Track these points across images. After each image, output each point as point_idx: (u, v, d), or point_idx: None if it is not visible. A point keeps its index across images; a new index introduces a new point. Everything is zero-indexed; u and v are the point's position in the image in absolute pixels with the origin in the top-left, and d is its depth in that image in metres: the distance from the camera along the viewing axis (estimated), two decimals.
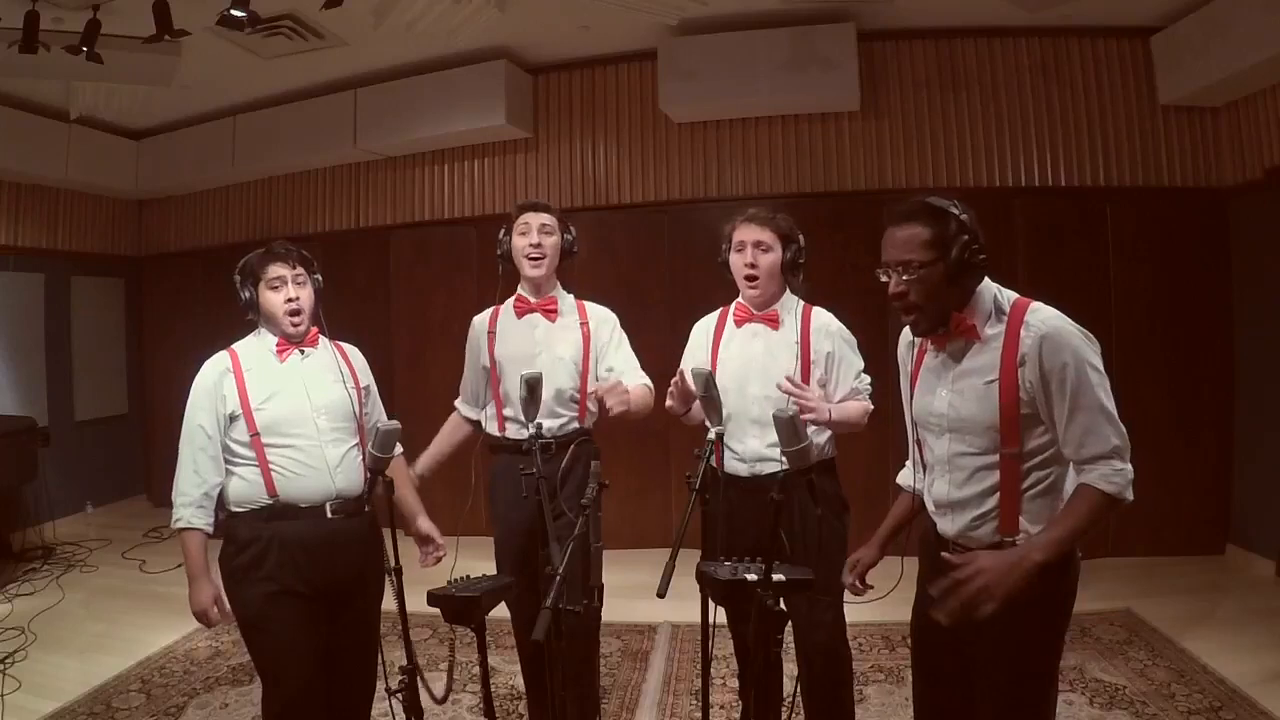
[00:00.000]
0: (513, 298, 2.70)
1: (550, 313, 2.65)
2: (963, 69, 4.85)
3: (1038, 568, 1.52)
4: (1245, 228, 4.52)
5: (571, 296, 2.73)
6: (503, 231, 2.68)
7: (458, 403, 2.84)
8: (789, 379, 2.24)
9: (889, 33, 4.86)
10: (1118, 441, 1.60)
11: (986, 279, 1.73)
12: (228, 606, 2.19)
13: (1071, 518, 1.59)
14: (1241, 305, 4.59)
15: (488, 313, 2.74)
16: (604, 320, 2.70)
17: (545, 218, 2.63)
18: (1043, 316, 1.67)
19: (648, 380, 2.65)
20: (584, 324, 2.67)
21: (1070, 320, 1.67)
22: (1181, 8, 4.28)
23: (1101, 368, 1.64)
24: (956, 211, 1.67)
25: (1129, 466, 1.60)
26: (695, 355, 2.55)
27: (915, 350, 1.90)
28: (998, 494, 1.69)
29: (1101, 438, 1.60)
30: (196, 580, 2.18)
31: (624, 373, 2.61)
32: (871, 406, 2.44)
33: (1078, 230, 4.68)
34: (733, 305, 2.53)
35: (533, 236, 2.60)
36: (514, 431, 2.60)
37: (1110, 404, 1.62)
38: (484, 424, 2.71)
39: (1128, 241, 4.69)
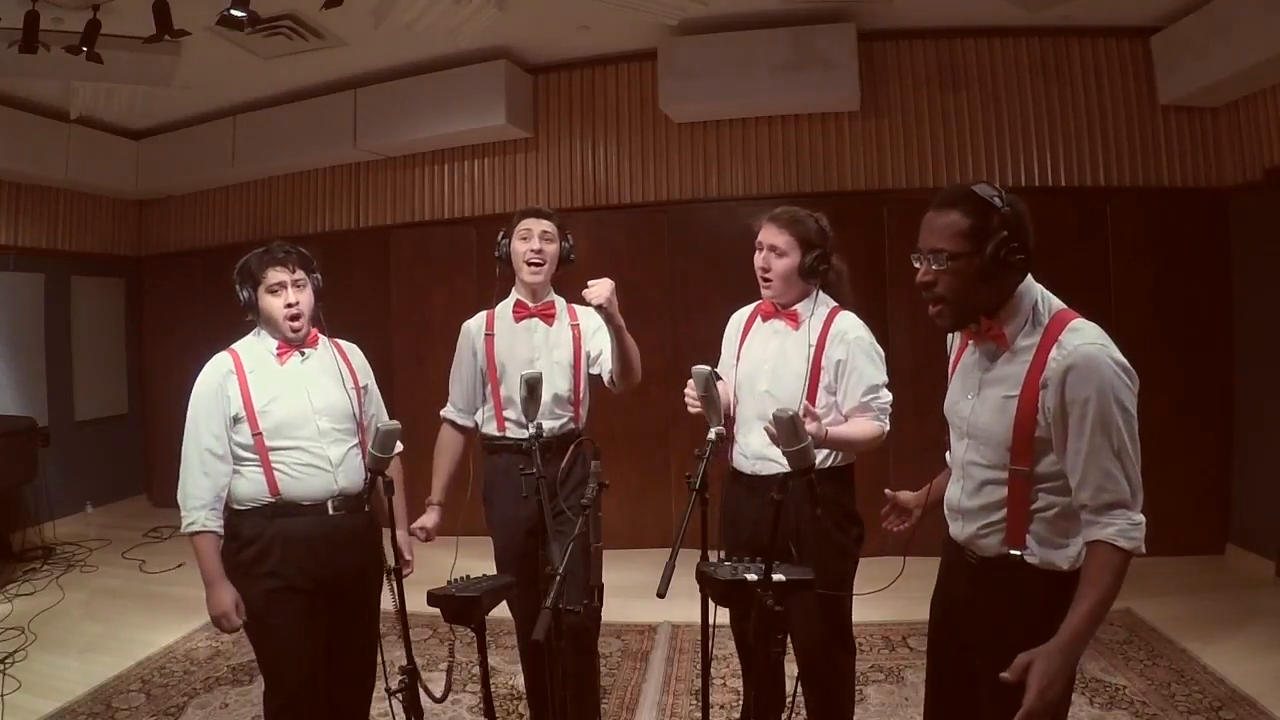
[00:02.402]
0: (509, 301, 2.70)
1: (549, 317, 2.66)
2: (963, 69, 4.85)
3: (1079, 655, 1.45)
4: (1245, 228, 4.52)
5: (563, 300, 2.73)
6: (502, 234, 2.68)
7: (448, 412, 2.74)
8: (805, 405, 2.07)
9: (889, 33, 4.86)
10: (1135, 490, 1.49)
11: (1031, 281, 1.62)
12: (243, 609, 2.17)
13: (1097, 591, 1.43)
14: (1241, 305, 4.59)
15: (481, 316, 2.73)
16: (590, 312, 2.64)
17: (547, 224, 2.63)
18: (1078, 340, 1.53)
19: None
20: (574, 325, 2.67)
21: (1112, 347, 1.53)
22: (1181, 8, 4.28)
23: (1133, 408, 1.50)
24: (1000, 204, 1.55)
25: (1143, 518, 1.49)
26: (727, 346, 2.54)
27: (958, 342, 1.81)
28: (1004, 510, 1.62)
29: (1119, 484, 1.48)
30: (215, 584, 2.15)
31: (606, 350, 2.57)
32: (887, 428, 2.29)
33: (1078, 230, 4.68)
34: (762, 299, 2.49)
35: (534, 242, 2.59)
36: (514, 431, 2.60)
37: (1134, 448, 1.49)
38: (481, 424, 2.70)
39: (1128, 241, 4.69)
